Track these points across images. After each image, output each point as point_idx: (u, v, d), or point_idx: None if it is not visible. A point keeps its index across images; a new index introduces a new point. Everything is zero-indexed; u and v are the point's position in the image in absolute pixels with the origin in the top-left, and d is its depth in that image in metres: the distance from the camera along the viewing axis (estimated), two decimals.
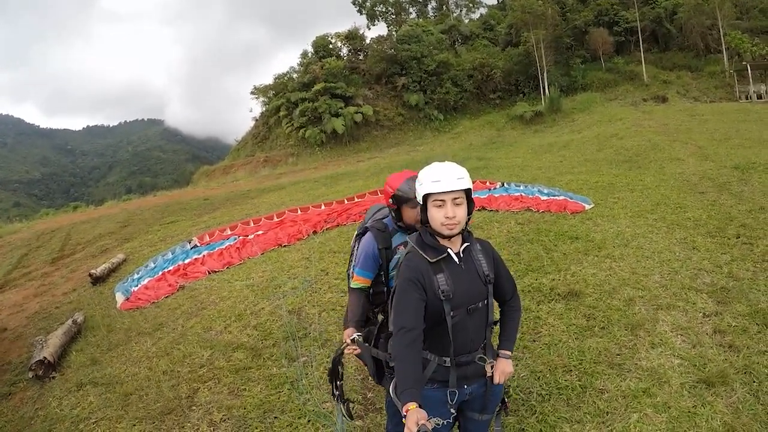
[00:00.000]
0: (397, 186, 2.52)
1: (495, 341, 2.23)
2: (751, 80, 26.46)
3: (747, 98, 26.05)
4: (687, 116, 20.22)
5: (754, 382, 3.31)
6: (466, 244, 2.09)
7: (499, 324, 2.21)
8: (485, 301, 2.06)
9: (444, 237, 2.01)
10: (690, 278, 5.04)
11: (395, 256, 2.59)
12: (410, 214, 2.52)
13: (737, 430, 2.91)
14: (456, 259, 2.04)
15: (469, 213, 2.04)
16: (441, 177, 1.95)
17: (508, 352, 2.17)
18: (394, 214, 2.62)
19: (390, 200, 2.57)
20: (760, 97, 25.55)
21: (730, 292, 4.63)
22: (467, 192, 2.01)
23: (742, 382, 3.32)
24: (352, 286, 2.74)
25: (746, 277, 4.92)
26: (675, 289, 4.82)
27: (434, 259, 2.01)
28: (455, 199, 1.96)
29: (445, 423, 2.05)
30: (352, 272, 2.72)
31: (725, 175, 9.30)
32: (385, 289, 2.68)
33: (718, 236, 6.14)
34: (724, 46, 29.38)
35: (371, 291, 2.74)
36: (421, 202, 2.02)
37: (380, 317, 2.77)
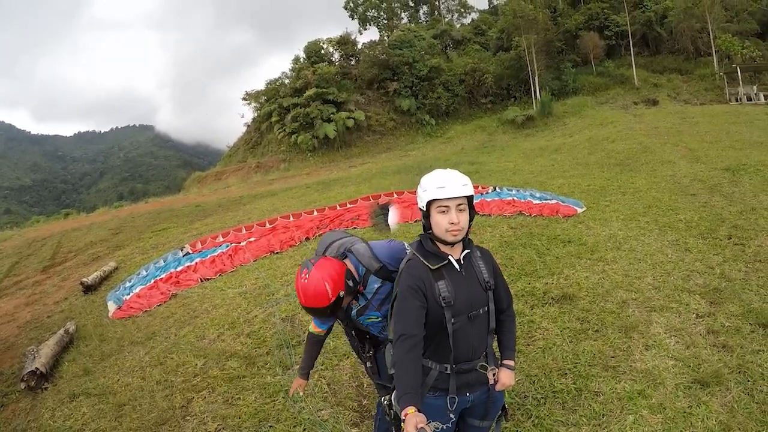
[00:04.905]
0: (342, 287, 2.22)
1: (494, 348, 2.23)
2: (741, 82, 26.67)
3: (737, 100, 26.23)
4: (678, 119, 20.36)
5: (748, 381, 3.34)
6: (466, 251, 2.09)
7: (496, 333, 2.20)
8: (486, 308, 2.06)
9: (446, 243, 2.02)
10: (683, 280, 5.07)
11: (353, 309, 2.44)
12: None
13: (733, 429, 2.93)
14: (457, 266, 2.05)
15: (471, 219, 2.04)
16: (446, 183, 1.96)
17: (512, 362, 2.18)
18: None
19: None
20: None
21: (722, 292, 4.67)
22: (469, 199, 2.02)
23: (736, 381, 3.34)
24: (309, 330, 2.64)
25: (738, 277, 4.96)
26: (668, 291, 4.85)
27: (435, 266, 2.01)
28: (459, 205, 1.98)
29: (445, 428, 2.05)
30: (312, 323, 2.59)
31: (716, 177, 9.37)
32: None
33: (710, 238, 6.19)
34: (714, 49, 29.60)
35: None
36: (424, 209, 2.01)
37: None
